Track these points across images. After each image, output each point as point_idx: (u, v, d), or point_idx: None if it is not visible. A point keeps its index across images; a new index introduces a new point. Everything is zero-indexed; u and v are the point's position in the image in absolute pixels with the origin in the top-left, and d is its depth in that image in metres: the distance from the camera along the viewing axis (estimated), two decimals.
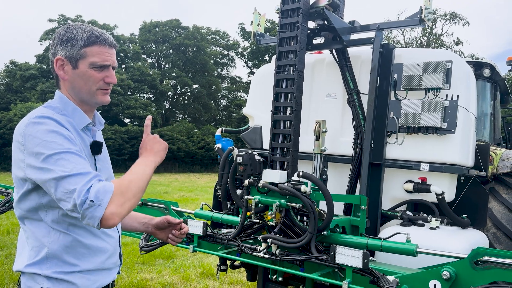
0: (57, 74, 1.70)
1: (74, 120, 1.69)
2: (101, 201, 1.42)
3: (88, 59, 1.66)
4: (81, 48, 1.65)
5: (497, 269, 2.36)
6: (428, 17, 3.37)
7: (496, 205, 3.80)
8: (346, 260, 2.57)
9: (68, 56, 1.66)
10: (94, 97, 1.72)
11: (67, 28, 1.69)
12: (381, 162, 3.47)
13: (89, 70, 1.67)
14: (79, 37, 1.65)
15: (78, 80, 1.68)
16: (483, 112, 4.87)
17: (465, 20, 36.01)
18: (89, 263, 1.67)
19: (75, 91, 1.71)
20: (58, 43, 1.67)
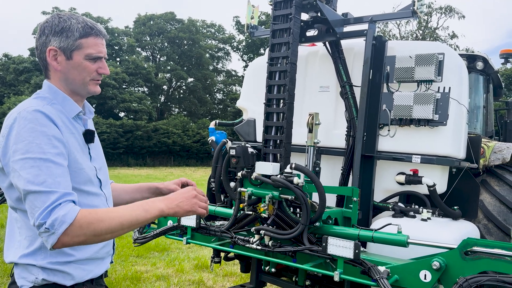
0: (49, 64, 1.69)
1: (65, 109, 1.69)
2: (56, 230, 1.41)
3: (84, 50, 1.67)
4: (76, 39, 1.66)
5: (487, 259, 2.40)
6: (420, 9, 3.37)
7: (487, 197, 3.84)
8: (337, 251, 2.60)
9: (62, 47, 1.65)
10: (86, 87, 1.73)
11: (59, 18, 1.67)
12: (373, 154, 3.49)
13: (84, 61, 1.68)
14: (74, 28, 1.65)
15: (72, 71, 1.69)
16: (476, 105, 4.89)
17: (461, 14, 36.05)
18: (84, 252, 1.67)
19: (67, 81, 1.71)
20: (51, 33, 1.65)
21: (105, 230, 1.49)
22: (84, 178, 1.67)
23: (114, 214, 1.53)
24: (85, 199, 1.67)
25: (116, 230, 1.53)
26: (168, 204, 1.64)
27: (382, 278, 2.43)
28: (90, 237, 1.48)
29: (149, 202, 1.63)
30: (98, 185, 1.78)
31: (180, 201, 1.68)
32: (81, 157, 1.68)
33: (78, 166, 1.64)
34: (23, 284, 1.63)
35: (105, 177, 1.86)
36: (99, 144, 1.89)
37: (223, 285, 5.34)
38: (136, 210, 1.57)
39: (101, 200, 1.77)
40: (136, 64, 40.46)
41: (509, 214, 3.70)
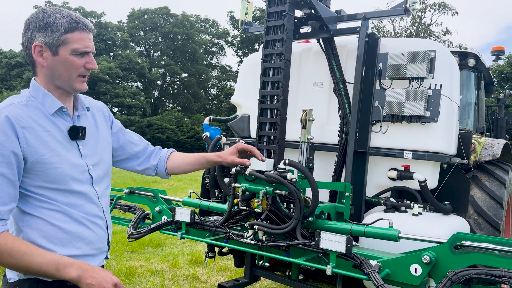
0: (35, 61, 1.67)
1: (44, 106, 1.67)
2: None
3: (70, 45, 1.64)
4: (61, 35, 1.63)
5: (475, 253, 2.44)
6: (413, 6, 3.41)
7: (478, 192, 3.89)
8: (330, 245, 2.64)
9: (47, 43, 1.62)
10: (72, 85, 1.71)
11: (44, 13, 1.64)
12: (366, 150, 3.53)
13: (70, 57, 1.66)
14: (59, 23, 1.62)
15: (58, 67, 1.66)
16: (467, 102, 4.95)
17: (454, 10, 36.20)
18: (67, 249, 1.66)
19: (53, 77, 1.69)
20: (36, 29, 1.62)
21: (11, 265, 1.54)
22: (59, 177, 1.64)
23: (26, 258, 1.53)
24: (64, 198, 1.67)
25: (22, 270, 1.58)
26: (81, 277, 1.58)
27: (373, 272, 2.47)
28: None
29: (67, 264, 1.58)
30: (89, 182, 1.76)
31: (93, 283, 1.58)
32: (58, 155, 1.65)
33: (47, 165, 1.62)
34: (11, 277, 1.67)
35: (101, 173, 1.84)
36: (98, 140, 1.87)
37: (217, 280, 5.38)
38: (49, 265, 1.55)
39: (87, 199, 1.74)
40: (130, 59, 40.27)
41: (499, 209, 3.75)
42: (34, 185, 1.61)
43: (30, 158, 1.59)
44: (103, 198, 1.84)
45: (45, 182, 1.62)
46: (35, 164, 1.60)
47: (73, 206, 1.69)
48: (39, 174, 1.61)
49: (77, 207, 1.71)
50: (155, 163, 2.18)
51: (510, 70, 33.91)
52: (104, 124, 1.97)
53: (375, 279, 2.42)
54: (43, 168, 1.61)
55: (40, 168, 1.61)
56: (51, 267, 1.55)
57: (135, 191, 4.07)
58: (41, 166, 1.61)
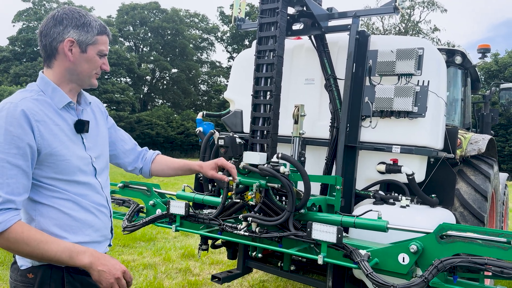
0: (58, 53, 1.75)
1: (53, 101, 1.75)
2: None
3: (98, 46, 1.81)
4: (94, 35, 1.79)
5: (460, 243, 2.54)
6: (402, 5, 3.50)
7: (463, 186, 4.01)
8: (321, 235, 2.73)
9: (80, 40, 1.76)
10: (89, 80, 1.85)
11: (78, 13, 1.79)
12: (356, 144, 3.63)
13: (95, 56, 1.81)
14: (93, 25, 1.79)
15: (83, 63, 1.79)
16: (454, 98, 5.07)
17: (443, 8, 36.57)
18: (77, 236, 1.75)
19: (74, 72, 1.79)
20: (71, 25, 1.74)
21: (26, 253, 1.61)
22: (69, 169, 1.73)
23: (41, 246, 1.60)
24: (73, 188, 1.76)
25: (36, 258, 1.66)
26: (93, 264, 1.66)
27: (363, 261, 2.56)
28: (12, 250, 1.62)
29: (79, 251, 1.66)
30: (93, 174, 1.85)
31: (104, 269, 1.67)
32: (68, 148, 1.74)
33: (58, 157, 1.70)
34: (23, 264, 1.72)
35: (103, 165, 1.94)
36: (99, 133, 1.96)
37: (210, 273, 5.46)
38: (63, 253, 1.63)
39: (93, 189, 1.84)
40: (119, 54, 39.97)
41: (483, 202, 3.87)
42: (45, 176, 1.69)
43: (44, 150, 1.66)
44: (105, 188, 1.94)
45: (55, 173, 1.70)
46: (47, 156, 1.68)
47: (81, 195, 1.78)
48: (51, 165, 1.69)
49: (85, 197, 1.80)
50: (141, 166, 2.34)
51: (496, 68, 34.42)
52: (102, 119, 2.06)
53: (365, 268, 2.52)
54: (55, 160, 1.69)
55: (52, 160, 1.69)
56: (64, 255, 1.63)
57: (129, 185, 4.12)
58: (53, 158, 1.69)
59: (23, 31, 40.82)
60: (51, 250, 1.61)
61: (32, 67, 35.65)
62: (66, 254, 1.63)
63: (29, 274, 1.70)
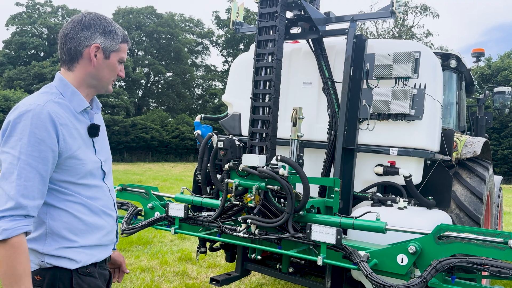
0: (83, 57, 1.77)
1: (71, 104, 1.76)
2: None
3: (120, 53, 1.86)
4: (118, 43, 1.84)
5: (458, 243, 2.58)
6: (399, 9, 3.55)
7: (459, 188, 4.05)
8: (320, 237, 2.75)
9: (105, 46, 1.80)
10: (107, 86, 1.89)
11: (106, 20, 1.83)
12: (354, 147, 3.66)
13: (116, 63, 1.86)
14: (118, 33, 1.85)
15: (105, 69, 1.83)
16: (449, 101, 5.13)
17: (436, 13, 36.90)
18: (87, 239, 1.77)
19: (95, 77, 1.82)
20: (98, 31, 1.78)
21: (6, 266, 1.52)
22: (84, 172, 1.75)
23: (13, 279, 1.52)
24: (85, 191, 1.77)
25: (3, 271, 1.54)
26: None
27: (362, 262, 2.60)
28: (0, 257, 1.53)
29: None
30: (101, 177, 1.87)
31: None
32: (84, 152, 1.76)
33: (77, 161, 1.72)
34: (31, 266, 1.72)
35: (109, 169, 1.96)
36: (105, 137, 1.99)
37: (207, 276, 5.46)
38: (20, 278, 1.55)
39: (103, 192, 1.87)
40: None
41: (479, 204, 3.92)
42: (61, 179, 1.70)
43: (64, 154, 1.68)
44: (112, 192, 1.96)
45: (71, 177, 1.72)
46: (67, 159, 1.69)
47: (92, 199, 1.79)
48: (68, 169, 1.70)
49: (96, 200, 1.81)
50: None
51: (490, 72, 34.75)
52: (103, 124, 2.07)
53: (364, 268, 2.55)
54: (73, 163, 1.71)
55: (70, 163, 1.70)
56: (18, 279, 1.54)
57: (127, 188, 4.12)
58: (72, 162, 1.71)
59: (17, 35, 40.65)
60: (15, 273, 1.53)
61: (26, 71, 35.46)
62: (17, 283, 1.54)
63: (36, 277, 1.69)
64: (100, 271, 1.86)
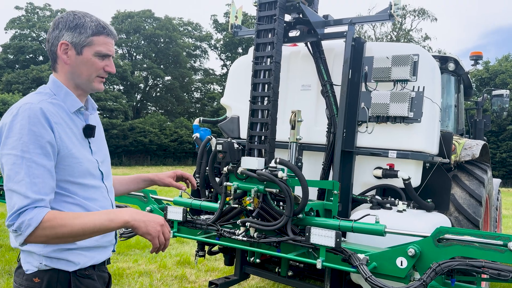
0: (58, 58, 1.76)
1: (65, 104, 1.75)
2: (22, 232, 1.53)
3: (94, 47, 1.75)
4: (88, 36, 1.74)
5: (457, 246, 2.57)
6: (397, 12, 3.56)
7: (458, 190, 4.05)
8: (320, 240, 2.74)
9: (74, 42, 1.73)
10: (91, 84, 1.81)
11: (74, 15, 1.76)
12: (353, 150, 3.66)
13: (92, 58, 1.76)
14: (87, 25, 1.74)
15: (80, 66, 1.76)
16: (448, 104, 5.14)
17: (433, 16, 37.05)
18: (86, 241, 1.73)
19: (74, 75, 1.77)
20: (65, 28, 1.73)
21: (67, 234, 1.57)
22: (81, 171, 1.73)
23: (78, 221, 1.58)
24: (83, 192, 1.75)
25: (78, 235, 1.60)
26: (135, 217, 1.65)
27: (361, 265, 2.58)
28: (52, 239, 1.58)
29: (116, 212, 1.65)
30: (100, 178, 1.85)
31: (148, 220, 1.68)
32: (80, 151, 1.75)
33: (74, 160, 1.70)
34: (28, 269, 1.70)
35: (107, 170, 1.93)
36: (102, 138, 1.96)
37: (206, 280, 5.44)
38: (101, 219, 1.61)
39: (101, 193, 1.84)
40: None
41: (478, 207, 3.92)
42: (59, 179, 1.68)
43: (61, 152, 1.67)
44: (111, 193, 1.93)
45: (69, 176, 1.70)
46: (64, 158, 1.67)
47: (90, 199, 1.77)
48: (66, 168, 1.68)
49: (93, 201, 1.79)
50: None
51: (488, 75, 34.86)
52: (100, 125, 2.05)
53: (364, 271, 2.53)
54: (71, 162, 1.69)
55: (68, 162, 1.68)
56: (104, 221, 1.60)
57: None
58: (69, 161, 1.69)
59: (16, 39, 40.66)
60: (89, 220, 1.59)
61: (24, 74, 35.44)
62: (106, 219, 1.61)
63: (35, 279, 1.68)
64: (99, 273, 1.84)
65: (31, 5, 43.11)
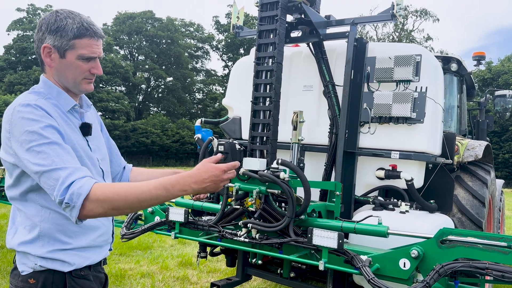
0: (43, 61, 1.73)
1: (59, 103, 1.74)
2: (75, 203, 1.48)
3: (77, 50, 1.69)
4: (70, 40, 1.67)
5: (461, 247, 2.55)
6: (399, 12, 3.54)
7: (461, 191, 4.03)
8: (322, 241, 2.72)
9: (56, 45, 1.68)
10: (78, 86, 1.77)
11: (56, 16, 1.69)
12: (355, 150, 3.64)
13: (76, 61, 1.71)
14: (69, 28, 1.66)
15: (64, 69, 1.72)
16: (450, 105, 5.12)
17: (435, 17, 37.00)
18: (81, 241, 1.74)
19: (60, 78, 1.75)
20: (47, 31, 1.68)
21: (123, 204, 1.53)
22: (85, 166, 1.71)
23: (133, 190, 1.54)
24: None
25: (134, 206, 1.55)
26: (192, 186, 1.60)
27: (364, 266, 2.56)
28: (108, 210, 1.52)
29: (172, 181, 1.58)
30: (101, 175, 1.84)
31: (207, 184, 1.62)
32: (82, 146, 1.75)
33: (77, 153, 1.69)
34: (24, 270, 1.70)
35: (107, 168, 1.93)
36: (100, 136, 1.95)
37: (208, 281, 5.42)
38: (157, 189, 1.56)
39: None
40: (114, 62, 39.96)
41: (481, 208, 3.90)
42: None
43: (68, 143, 1.65)
44: None
45: None
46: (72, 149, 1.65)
47: None
48: None
49: None
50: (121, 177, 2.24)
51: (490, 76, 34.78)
52: (98, 123, 2.04)
53: (366, 273, 2.51)
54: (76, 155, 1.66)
55: None
56: (160, 190, 1.56)
57: None
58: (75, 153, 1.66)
59: (18, 40, 40.77)
60: (144, 190, 1.54)
61: (26, 75, 35.54)
62: (161, 188, 1.56)
63: (30, 280, 1.67)
64: (95, 274, 1.83)
65: (33, 6, 43.24)
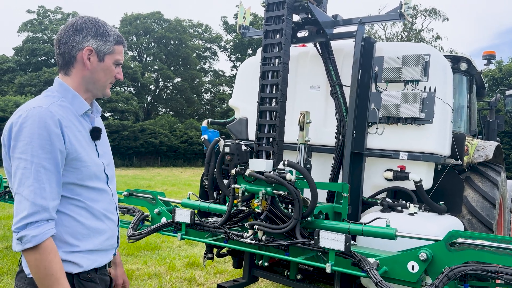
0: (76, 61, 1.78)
1: (73, 107, 1.77)
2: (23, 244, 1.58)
3: (115, 56, 1.85)
4: (112, 45, 1.83)
5: (471, 250, 2.51)
6: (408, 11, 3.50)
7: (471, 193, 3.97)
8: (329, 243, 2.69)
9: (98, 49, 1.80)
10: (103, 89, 1.88)
11: (98, 22, 1.82)
12: (363, 151, 3.60)
13: (111, 65, 1.84)
14: (111, 35, 1.83)
15: (99, 72, 1.82)
16: (460, 105, 5.05)
17: (445, 16, 36.68)
18: (88, 244, 1.76)
19: (90, 80, 1.82)
20: (90, 34, 1.78)
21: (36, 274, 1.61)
22: (88, 174, 1.76)
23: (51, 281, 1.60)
24: (88, 193, 1.77)
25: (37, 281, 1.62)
26: None
27: (372, 269, 2.53)
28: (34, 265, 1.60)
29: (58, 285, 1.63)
30: (105, 181, 1.86)
31: None
32: (88, 154, 1.77)
33: (82, 163, 1.73)
34: (30, 272, 1.69)
35: (112, 173, 1.95)
36: (106, 141, 1.98)
37: (215, 282, 5.41)
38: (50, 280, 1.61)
39: (106, 196, 1.86)
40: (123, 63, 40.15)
41: (491, 210, 3.84)
42: (66, 181, 1.70)
43: (70, 155, 1.69)
44: (115, 196, 1.96)
45: (77, 179, 1.72)
46: (73, 161, 1.70)
47: (95, 201, 1.79)
48: (74, 171, 1.71)
49: (98, 203, 1.81)
50: None
51: (501, 75, 34.39)
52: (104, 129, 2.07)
53: (374, 276, 2.48)
54: (79, 165, 1.72)
55: (76, 165, 1.71)
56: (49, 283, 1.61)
57: (134, 194, 4.10)
58: (77, 164, 1.71)
59: (28, 42, 41.17)
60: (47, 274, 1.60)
61: (36, 77, 35.86)
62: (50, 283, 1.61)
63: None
64: (101, 277, 1.85)
65: (43, 8, 43.62)
